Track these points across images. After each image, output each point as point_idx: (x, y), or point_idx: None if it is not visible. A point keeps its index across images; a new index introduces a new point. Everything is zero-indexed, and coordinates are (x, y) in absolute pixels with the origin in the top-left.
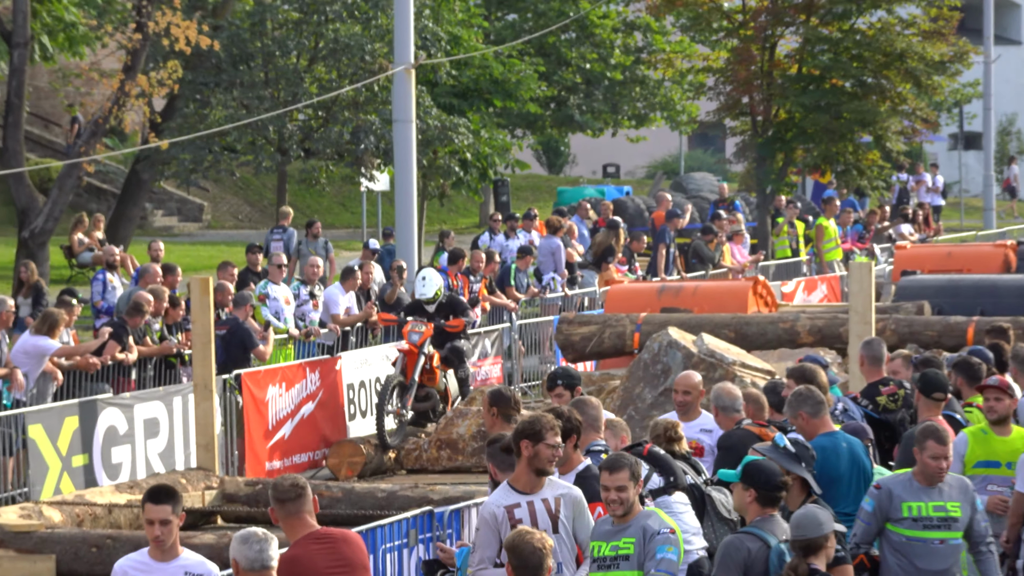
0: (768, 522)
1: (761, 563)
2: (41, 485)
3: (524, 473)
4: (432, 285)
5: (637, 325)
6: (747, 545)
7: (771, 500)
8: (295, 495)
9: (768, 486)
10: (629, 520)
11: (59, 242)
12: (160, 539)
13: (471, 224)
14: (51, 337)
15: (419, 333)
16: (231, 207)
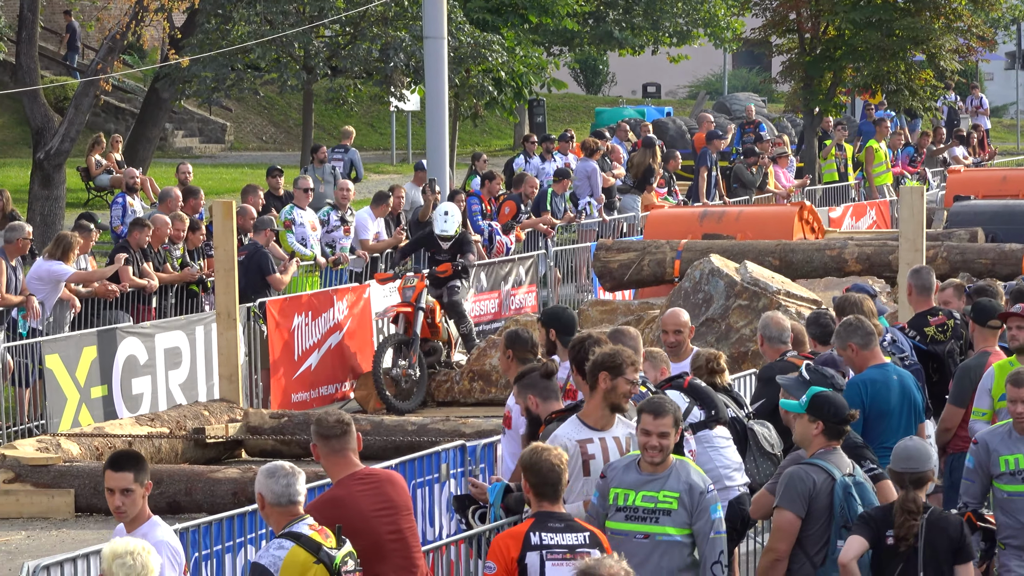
0: (833, 455)
1: (826, 495)
2: (59, 417)
3: (597, 408)
4: (454, 222)
5: (678, 252)
6: (812, 477)
7: (838, 433)
8: (340, 432)
9: (837, 419)
10: (662, 470)
11: (76, 164)
12: (121, 510)
13: (505, 146)
14: (64, 262)
15: (411, 288)
16: (255, 128)
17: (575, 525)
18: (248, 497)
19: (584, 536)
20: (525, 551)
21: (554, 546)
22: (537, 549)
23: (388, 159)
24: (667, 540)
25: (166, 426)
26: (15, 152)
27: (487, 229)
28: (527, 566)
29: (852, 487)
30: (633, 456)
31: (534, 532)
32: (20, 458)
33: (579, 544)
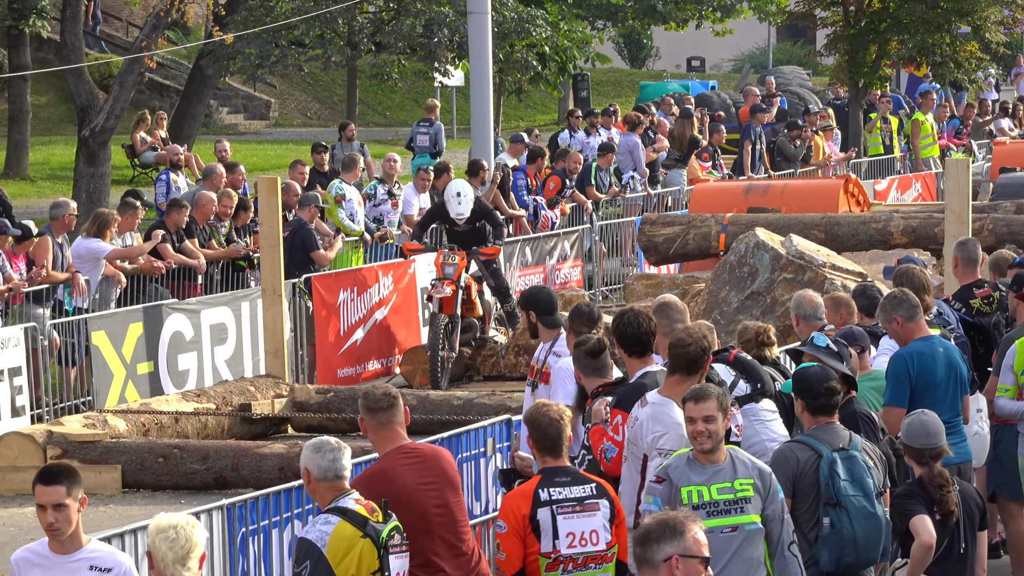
0: (823, 430)
1: (811, 473)
2: (105, 393)
3: (674, 393)
4: (468, 202)
5: (723, 226)
6: (796, 455)
7: (820, 408)
8: (387, 404)
9: (811, 394)
10: (723, 459)
11: (120, 141)
12: (54, 527)
13: (549, 121)
14: (102, 239)
15: (453, 266)
16: (299, 104)
17: (581, 477)
18: (294, 472)
19: (591, 487)
20: (536, 508)
21: (563, 500)
22: (547, 504)
23: None
24: (753, 528)
25: (212, 402)
26: (60, 130)
27: (532, 204)
28: (539, 522)
29: (839, 462)
30: (685, 454)
31: (542, 488)
32: (67, 434)
33: (587, 496)
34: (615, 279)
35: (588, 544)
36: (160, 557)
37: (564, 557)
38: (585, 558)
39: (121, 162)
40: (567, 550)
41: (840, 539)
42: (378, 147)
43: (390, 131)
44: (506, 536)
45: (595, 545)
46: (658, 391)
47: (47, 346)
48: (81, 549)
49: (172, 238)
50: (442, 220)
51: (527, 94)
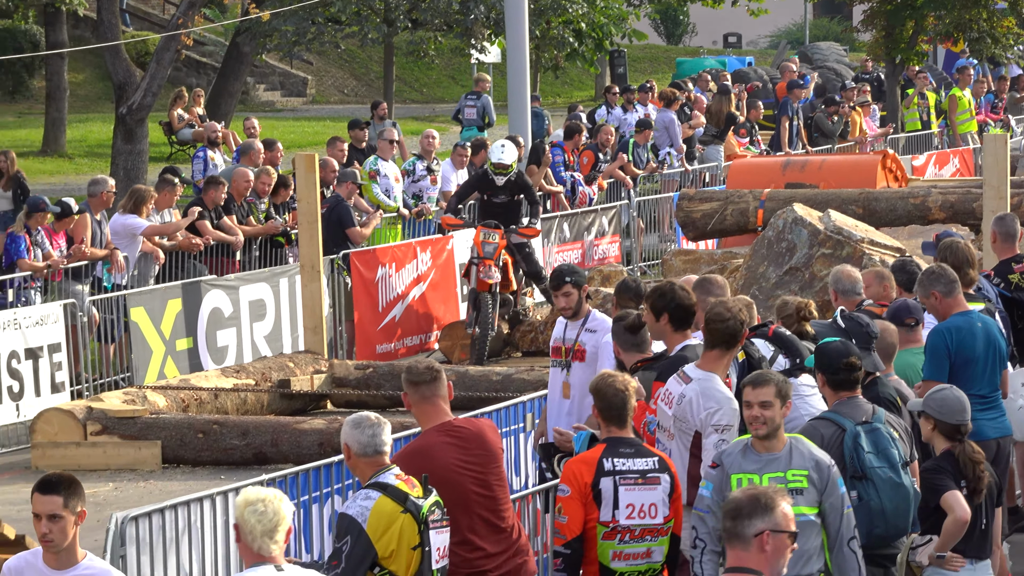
0: (846, 405)
1: (835, 448)
2: (145, 370)
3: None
4: (511, 153)
5: (761, 201)
6: (819, 431)
7: (841, 383)
8: (430, 378)
9: (830, 369)
10: (779, 448)
11: (158, 118)
12: (49, 539)
13: (586, 97)
14: (138, 215)
15: (494, 245)
16: (336, 81)
17: (644, 450)
18: (334, 448)
19: (654, 460)
20: (599, 477)
21: (626, 471)
22: (611, 475)
23: None
24: (804, 520)
25: (251, 378)
26: (98, 107)
27: (569, 180)
28: (601, 491)
29: (863, 435)
30: (744, 440)
31: (607, 458)
32: (107, 410)
33: (649, 469)
34: (653, 255)
35: (647, 517)
36: (248, 530)
37: (622, 528)
38: (642, 530)
39: (159, 139)
40: (625, 521)
41: (868, 511)
42: (415, 124)
43: (427, 108)
44: (568, 500)
45: (653, 518)
46: (696, 365)
47: (86, 323)
48: (76, 566)
49: (211, 215)
50: (482, 189)
51: (563, 71)
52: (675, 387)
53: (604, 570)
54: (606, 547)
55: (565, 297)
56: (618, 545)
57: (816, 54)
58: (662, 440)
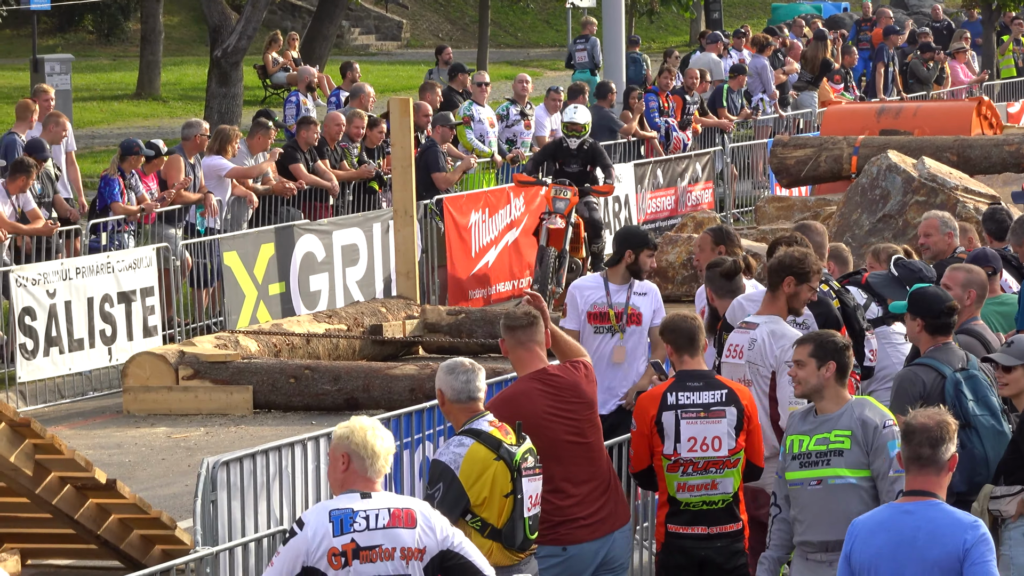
0: (942, 351)
1: (937, 395)
2: (237, 314)
3: (777, 310)
4: (584, 114)
5: (855, 148)
6: (921, 377)
7: (940, 328)
8: (527, 323)
9: (932, 312)
10: (835, 409)
11: (253, 62)
12: None
13: (681, 42)
14: (223, 155)
15: (565, 201)
16: (431, 25)
17: (714, 382)
18: (425, 394)
19: (721, 394)
20: (661, 411)
21: (689, 405)
22: (673, 409)
23: (563, 56)
24: (840, 483)
25: (344, 323)
26: (193, 50)
27: (663, 126)
28: (663, 424)
29: (963, 382)
30: (811, 404)
31: (671, 392)
32: (199, 355)
33: (715, 402)
34: (747, 201)
35: (709, 449)
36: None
37: (684, 460)
38: (706, 462)
39: (253, 83)
40: (687, 453)
41: (972, 459)
42: (509, 68)
43: (521, 52)
44: (635, 435)
45: (717, 451)
46: (756, 313)
47: (179, 266)
48: None
49: (305, 157)
50: (554, 158)
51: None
52: (740, 337)
53: (672, 501)
54: (671, 479)
55: (650, 258)
56: (682, 477)
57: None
58: None
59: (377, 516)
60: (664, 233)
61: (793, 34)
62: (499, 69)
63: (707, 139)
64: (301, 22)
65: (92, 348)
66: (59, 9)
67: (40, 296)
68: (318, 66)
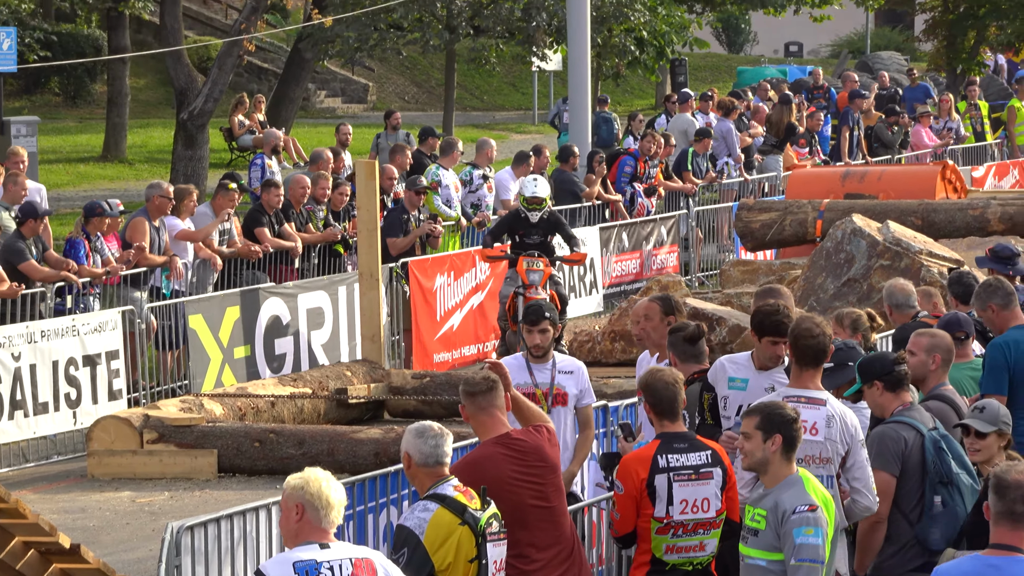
0: (913, 411)
1: (918, 451)
2: (202, 377)
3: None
4: (544, 188)
5: (820, 212)
6: (902, 435)
7: (897, 380)
8: (486, 387)
9: (885, 369)
10: (771, 487)
11: (219, 124)
12: None
13: (647, 105)
14: (178, 215)
15: (539, 272)
16: (397, 88)
17: (698, 443)
18: (390, 458)
19: (707, 455)
20: (653, 474)
21: (680, 468)
22: (665, 472)
23: (530, 119)
24: (751, 563)
25: (308, 386)
26: (159, 112)
27: (630, 191)
28: (656, 488)
29: (942, 441)
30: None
31: (661, 455)
32: (164, 418)
33: (702, 464)
34: (712, 265)
35: (699, 511)
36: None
37: (676, 523)
38: (695, 524)
39: (219, 145)
40: (679, 516)
41: (954, 518)
42: (475, 131)
43: (487, 115)
44: (623, 498)
45: (706, 512)
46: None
47: (144, 329)
48: None
49: (271, 221)
50: (512, 230)
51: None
52: (811, 413)
53: (656, 561)
54: (660, 541)
55: (542, 334)
56: (671, 539)
57: (877, 64)
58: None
59: (341, 566)
60: (629, 297)
61: (758, 97)
62: (465, 132)
63: (672, 203)
64: (267, 84)
65: (57, 411)
66: (25, 72)
67: (5, 359)
68: (284, 128)
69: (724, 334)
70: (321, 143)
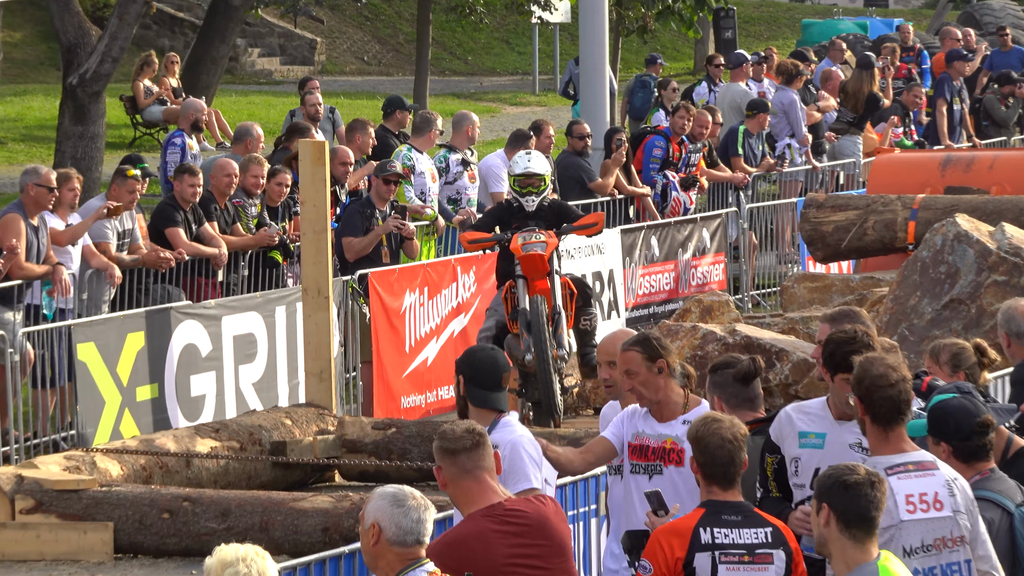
0: (994, 482)
1: (1005, 536)
2: (94, 426)
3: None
4: (541, 162)
5: (912, 211)
6: (986, 515)
7: (974, 452)
8: (471, 443)
9: (961, 433)
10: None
11: (119, 92)
12: None
13: (683, 69)
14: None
15: (542, 243)
16: (353, 44)
17: (755, 517)
18: (342, 534)
19: (766, 532)
20: (693, 552)
21: (729, 546)
22: (708, 549)
23: (528, 86)
24: None
25: (235, 440)
26: (40, 76)
27: (661, 182)
28: (696, 570)
29: None
30: None
31: (704, 528)
32: (42, 480)
33: (759, 543)
34: (770, 280)
35: None
36: None
37: None
38: None
39: (119, 119)
40: None
41: None
42: (456, 103)
43: (472, 81)
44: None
45: None
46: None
47: (18, 362)
48: None
49: (187, 218)
50: (503, 225)
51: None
52: (926, 483)
53: None
54: None
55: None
56: None
57: (986, 15)
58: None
59: None
60: (661, 322)
61: (830, 60)
62: (443, 103)
63: (718, 198)
64: (183, 40)
65: None
66: None
67: None
68: (204, 97)
69: (786, 372)
70: (253, 117)
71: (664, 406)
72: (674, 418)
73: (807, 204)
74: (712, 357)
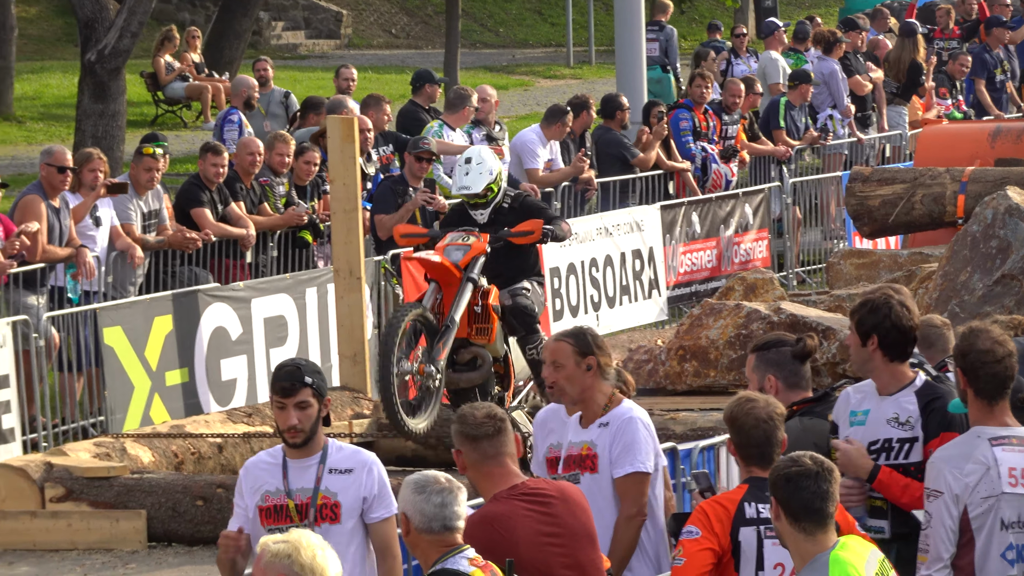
0: None
1: None
2: (123, 412)
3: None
4: (478, 176)
5: (962, 184)
6: None
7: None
8: (493, 430)
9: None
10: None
11: (139, 68)
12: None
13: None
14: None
15: (463, 249)
16: (380, 17)
17: None
18: None
19: None
20: (738, 525)
21: None
22: (753, 524)
23: (563, 59)
24: None
25: (268, 424)
26: (57, 52)
27: (700, 154)
28: (740, 543)
29: None
30: None
31: (749, 503)
32: (72, 468)
33: None
34: (815, 256)
35: None
36: None
37: None
38: None
39: (140, 96)
40: None
41: None
42: (487, 76)
43: (504, 54)
44: (693, 544)
45: None
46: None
47: (43, 347)
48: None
49: (213, 198)
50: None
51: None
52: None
53: None
54: None
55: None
56: None
57: None
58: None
59: None
60: (704, 300)
61: (875, 29)
62: (474, 76)
63: (760, 172)
64: (204, 14)
65: None
66: None
67: None
68: (227, 73)
69: (833, 351)
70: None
71: (586, 406)
72: (593, 422)
73: (852, 178)
74: (756, 336)
